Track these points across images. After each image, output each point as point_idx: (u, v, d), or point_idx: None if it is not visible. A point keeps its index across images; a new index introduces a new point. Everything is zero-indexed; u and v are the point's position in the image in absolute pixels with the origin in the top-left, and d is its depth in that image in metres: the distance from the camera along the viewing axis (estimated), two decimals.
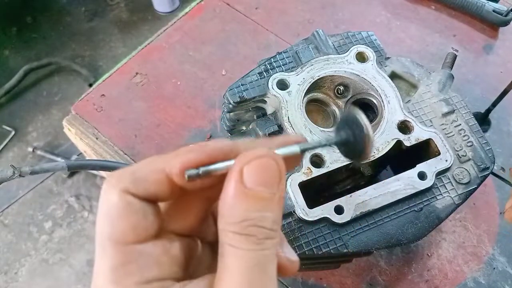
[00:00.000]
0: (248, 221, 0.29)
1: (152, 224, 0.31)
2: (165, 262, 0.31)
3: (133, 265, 0.29)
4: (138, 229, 0.30)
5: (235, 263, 0.29)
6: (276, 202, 0.30)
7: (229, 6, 1.03)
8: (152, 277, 0.30)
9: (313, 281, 0.73)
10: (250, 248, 0.29)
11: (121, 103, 0.91)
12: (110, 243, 0.30)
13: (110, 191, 0.30)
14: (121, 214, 0.30)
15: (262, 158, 0.30)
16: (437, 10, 1.04)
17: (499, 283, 0.74)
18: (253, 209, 0.29)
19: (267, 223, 0.29)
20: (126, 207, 0.30)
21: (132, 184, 0.31)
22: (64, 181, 2.11)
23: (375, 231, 0.58)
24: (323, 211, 0.57)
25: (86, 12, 2.61)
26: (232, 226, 0.29)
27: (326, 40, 0.69)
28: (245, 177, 0.29)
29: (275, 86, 0.64)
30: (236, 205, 0.29)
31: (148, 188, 0.31)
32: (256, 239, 0.29)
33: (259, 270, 0.28)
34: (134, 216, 0.30)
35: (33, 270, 1.92)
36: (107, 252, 0.30)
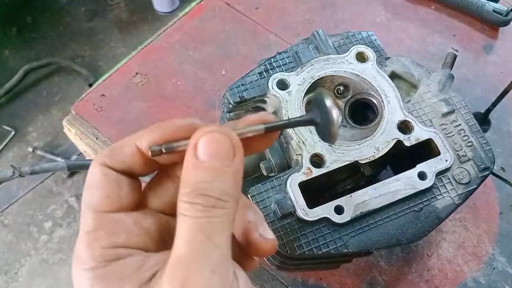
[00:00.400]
0: (196, 191, 0.30)
1: (126, 195, 0.34)
2: (135, 232, 0.33)
3: (102, 230, 0.32)
4: (111, 198, 0.33)
5: (183, 230, 0.30)
6: (229, 175, 0.31)
7: (229, 6, 1.03)
8: (119, 243, 0.32)
9: (313, 281, 0.73)
10: (196, 215, 0.30)
11: (121, 103, 0.91)
12: (87, 210, 0.33)
13: (92, 165, 0.34)
14: (98, 184, 0.33)
15: (213, 132, 0.32)
16: (437, 10, 1.04)
17: (499, 283, 0.74)
18: (202, 179, 0.31)
19: (215, 193, 0.30)
20: (103, 178, 0.33)
21: (109, 158, 0.34)
22: (64, 181, 2.11)
23: (375, 231, 0.58)
24: (323, 211, 0.57)
25: (86, 12, 2.61)
26: (184, 196, 0.31)
27: (326, 40, 0.69)
28: (198, 150, 0.31)
29: (275, 86, 0.64)
30: (188, 176, 0.31)
31: (124, 161, 0.34)
32: (202, 207, 0.30)
33: (202, 236, 0.29)
34: (108, 186, 0.33)
35: (33, 270, 1.92)
36: (85, 219, 0.33)
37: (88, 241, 0.32)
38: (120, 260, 0.31)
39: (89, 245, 0.32)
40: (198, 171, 0.31)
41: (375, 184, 0.59)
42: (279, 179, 0.59)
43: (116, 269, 0.31)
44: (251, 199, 0.58)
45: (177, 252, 0.30)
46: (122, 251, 0.32)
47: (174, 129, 0.34)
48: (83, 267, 0.31)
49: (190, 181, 0.31)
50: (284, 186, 0.58)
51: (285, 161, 0.62)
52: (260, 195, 0.58)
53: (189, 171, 0.31)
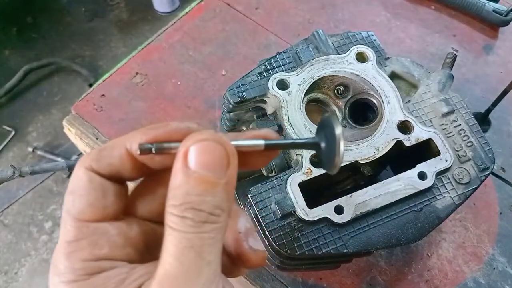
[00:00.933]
0: (186, 204, 0.28)
1: (111, 204, 0.31)
2: (119, 243, 0.31)
3: (84, 241, 0.30)
4: (95, 206, 0.31)
5: (171, 245, 0.28)
6: (221, 187, 0.29)
7: (229, 6, 1.03)
8: (101, 255, 0.30)
9: (313, 281, 0.73)
10: (186, 231, 0.28)
11: (121, 103, 0.91)
12: (68, 218, 0.31)
13: (77, 168, 0.31)
14: (81, 190, 0.31)
15: (207, 140, 0.29)
16: (437, 10, 1.04)
17: (499, 283, 0.74)
18: (193, 192, 0.28)
19: (207, 207, 0.28)
20: (87, 184, 0.31)
21: (96, 161, 0.31)
22: (64, 181, 2.11)
23: (375, 231, 0.58)
24: (323, 211, 0.57)
25: (86, 12, 2.61)
26: (173, 208, 0.28)
27: (326, 40, 0.69)
28: (189, 158, 0.29)
29: (275, 86, 0.64)
30: (177, 186, 0.29)
31: (112, 164, 0.31)
32: (192, 222, 0.28)
33: (193, 253, 0.28)
34: (93, 193, 0.31)
35: (33, 270, 1.92)
36: (65, 226, 0.30)
37: (68, 252, 0.30)
38: (102, 273, 0.29)
39: (69, 256, 0.29)
40: (188, 182, 0.29)
41: (375, 184, 0.59)
42: (279, 179, 0.59)
43: (98, 283, 0.29)
44: (251, 199, 0.58)
45: (165, 268, 0.28)
46: (104, 263, 0.30)
47: (168, 132, 0.31)
48: (62, 279, 0.29)
49: (180, 193, 0.29)
50: (284, 186, 0.58)
51: (285, 161, 0.62)
52: (260, 195, 0.58)
53: (178, 181, 0.29)
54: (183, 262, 0.28)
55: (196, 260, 0.28)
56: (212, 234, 0.29)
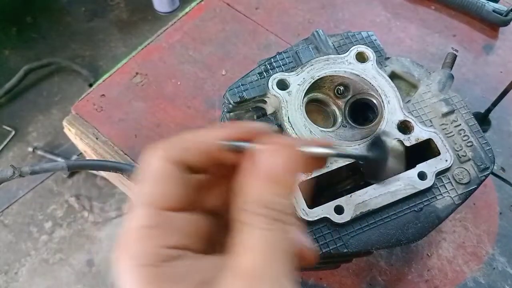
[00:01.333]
0: (271, 203, 0.30)
1: (185, 195, 0.32)
2: (188, 233, 0.32)
3: (157, 229, 0.30)
4: (169, 195, 0.31)
5: (251, 241, 0.29)
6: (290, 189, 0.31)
7: (229, 6, 1.03)
8: (172, 244, 0.30)
9: (313, 281, 0.73)
10: (269, 228, 0.29)
11: (121, 103, 0.91)
12: (142, 205, 0.31)
13: (154, 156, 0.32)
14: (159, 179, 0.32)
15: (281, 145, 0.31)
16: (437, 10, 1.04)
17: (499, 283, 0.74)
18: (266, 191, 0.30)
19: (283, 207, 0.30)
20: (163, 174, 0.32)
21: (171, 152, 0.32)
22: (64, 181, 2.11)
23: (375, 231, 0.58)
24: (323, 211, 0.57)
25: (86, 12, 2.61)
26: (258, 206, 0.30)
27: (326, 40, 0.69)
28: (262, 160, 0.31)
29: (275, 86, 0.64)
30: (251, 185, 0.30)
31: (189, 157, 0.33)
32: (280, 224, 0.30)
33: (274, 250, 0.29)
34: (168, 183, 0.32)
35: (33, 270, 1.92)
36: (137, 213, 0.31)
37: (142, 237, 0.30)
38: (173, 262, 0.30)
39: (142, 241, 0.30)
40: (262, 182, 0.30)
41: (375, 184, 0.59)
42: None
43: (170, 271, 0.29)
44: None
45: (245, 263, 0.29)
46: (173, 252, 0.30)
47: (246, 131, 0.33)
48: (135, 262, 0.29)
49: (259, 190, 0.30)
50: None
51: None
52: None
53: (252, 181, 0.31)
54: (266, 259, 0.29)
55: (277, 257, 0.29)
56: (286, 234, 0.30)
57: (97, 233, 2.00)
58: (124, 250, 0.30)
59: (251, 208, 0.30)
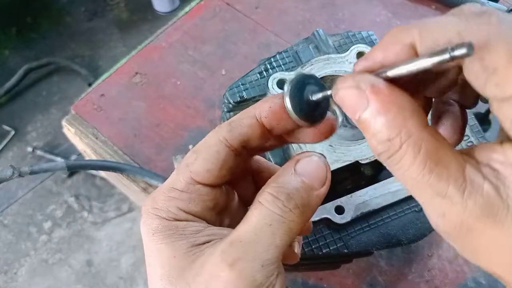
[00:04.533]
0: (284, 189, 0.33)
1: (223, 176, 0.36)
2: (209, 206, 0.36)
3: (186, 195, 0.35)
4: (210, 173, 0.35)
5: (254, 218, 0.32)
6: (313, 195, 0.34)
7: (229, 5, 1.03)
8: (192, 211, 0.35)
9: (313, 281, 0.73)
10: (273, 210, 0.32)
11: (121, 102, 0.91)
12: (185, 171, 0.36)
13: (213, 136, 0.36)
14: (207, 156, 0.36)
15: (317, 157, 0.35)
16: (437, 10, 1.04)
17: (499, 283, 0.74)
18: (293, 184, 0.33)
19: (298, 199, 0.33)
20: (214, 153, 0.36)
21: (229, 132, 0.36)
22: (64, 181, 2.11)
23: (376, 231, 0.58)
24: (323, 211, 0.57)
25: (86, 12, 2.61)
26: (270, 188, 0.33)
27: (326, 39, 0.69)
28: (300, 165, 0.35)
29: (275, 85, 0.64)
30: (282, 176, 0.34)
31: (242, 133, 0.36)
32: (282, 205, 0.32)
33: (270, 232, 0.32)
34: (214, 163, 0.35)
35: (32, 270, 1.92)
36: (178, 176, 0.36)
37: (171, 196, 0.35)
38: (185, 222, 0.35)
39: (169, 199, 0.35)
40: (292, 177, 0.34)
41: (375, 184, 0.59)
42: None
43: (180, 226, 0.34)
44: None
45: (239, 234, 0.32)
46: (191, 217, 0.35)
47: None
48: (155, 212, 0.35)
49: (281, 180, 0.34)
50: None
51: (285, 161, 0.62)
52: None
53: (285, 173, 0.34)
54: (258, 235, 0.32)
55: (269, 238, 0.32)
56: (290, 225, 0.32)
57: (96, 233, 1.99)
58: (152, 199, 0.35)
59: (273, 191, 0.33)
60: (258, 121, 0.36)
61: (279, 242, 0.32)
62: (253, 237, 0.32)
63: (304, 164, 0.35)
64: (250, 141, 0.37)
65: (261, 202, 0.33)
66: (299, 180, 0.34)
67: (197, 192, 0.36)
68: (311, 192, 0.34)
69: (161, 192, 0.36)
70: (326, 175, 0.35)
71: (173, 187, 0.36)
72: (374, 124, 0.28)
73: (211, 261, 0.31)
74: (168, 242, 0.33)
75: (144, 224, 0.35)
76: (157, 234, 0.34)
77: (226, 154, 0.36)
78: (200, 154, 0.36)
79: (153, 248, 0.34)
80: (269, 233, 0.32)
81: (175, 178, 0.36)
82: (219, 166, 0.36)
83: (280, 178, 0.34)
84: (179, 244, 0.33)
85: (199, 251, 0.33)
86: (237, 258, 0.31)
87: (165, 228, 0.34)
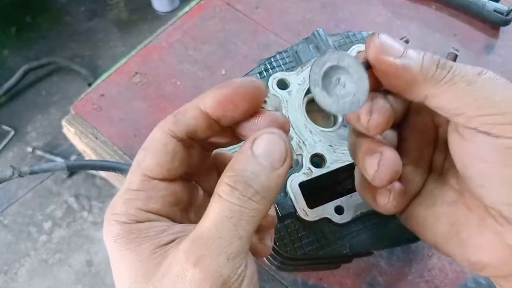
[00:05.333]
0: (241, 177, 0.32)
1: (176, 167, 0.36)
2: (169, 202, 0.35)
3: (143, 193, 0.34)
4: (162, 167, 0.35)
5: (213, 211, 0.32)
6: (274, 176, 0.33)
7: (229, 5, 1.03)
8: (153, 209, 0.34)
9: (313, 282, 0.73)
10: (231, 201, 0.31)
11: (121, 102, 0.91)
12: (137, 170, 0.35)
13: (157, 129, 0.36)
14: (155, 150, 0.35)
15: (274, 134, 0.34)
16: (438, 10, 1.04)
17: None
18: (250, 169, 0.32)
19: (256, 185, 0.32)
20: (162, 147, 0.35)
21: (174, 124, 0.35)
22: (64, 181, 2.11)
23: (376, 231, 0.58)
24: (323, 211, 0.57)
25: (86, 11, 2.61)
26: (227, 178, 0.32)
27: (327, 39, 0.69)
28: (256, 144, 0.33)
29: (275, 85, 0.64)
30: (239, 161, 0.33)
31: (188, 124, 0.35)
32: (240, 195, 0.31)
33: (231, 224, 0.31)
34: (164, 156, 0.35)
35: (32, 270, 1.92)
36: (131, 177, 0.35)
37: (127, 198, 0.34)
38: (148, 223, 0.33)
39: (126, 202, 0.34)
40: (249, 161, 0.32)
41: None
42: None
43: (142, 228, 0.33)
44: None
45: (202, 230, 0.31)
46: (152, 216, 0.34)
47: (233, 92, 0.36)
48: (115, 218, 0.34)
49: (238, 167, 0.32)
50: (284, 186, 0.58)
51: None
52: None
53: (241, 158, 0.33)
54: (219, 229, 0.31)
55: (231, 230, 0.31)
56: (252, 213, 0.31)
57: (96, 233, 1.99)
58: (111, 206, 0.34)
59: (230, 181, 0.32)
60: (203, 111, 0.36)
61: (243, 232, 0.31)
62: (215, 232, 0.31)
63: (260, 143, 0.33)
64: (197, 132, 0.36)
65: (220, 194, 0.32)
66: (256, 163, 0.32)
67: (153, 189, 0.35)
68: (271, 174, 0.32)
69: (118, 196, 0.35)
70: (285, 152, 0.34)
71: (129, 189, 0.35)
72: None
73: (176, 261, 0.31)
74: (131, 247, 0.32)
75: (105, 232, 0.34)
76: (118, 240, 0.32)
77: (175, 146, 0.35)
78: (149, 150, 0.35)
79: (117, 255, 0.33)
80: (230, 225, 0.31)
81: (129, 179, 0.35)
82: (169, 158, 0.35)
83: (236, 164, 0.33)
84: (143, 248, 0.32)
85: (164, 252, 0.32)
86: (201, 255, 0.30)
87: (127, 233, 0.33)
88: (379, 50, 0.34)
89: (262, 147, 0.33)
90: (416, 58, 0.34)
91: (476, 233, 0.35)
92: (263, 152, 0.33)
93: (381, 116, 0.35)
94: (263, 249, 0.40)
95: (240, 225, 0.31)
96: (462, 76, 0.33)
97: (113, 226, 0.33)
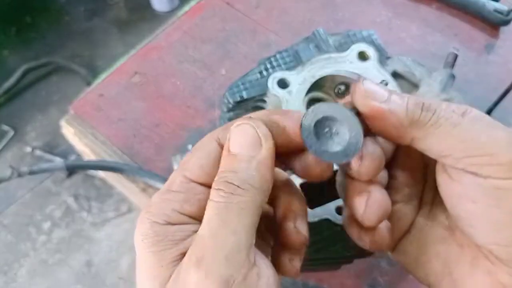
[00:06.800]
0: (221, 178, 0.33)
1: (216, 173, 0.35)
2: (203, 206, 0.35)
3: (181, 195, 0.34)
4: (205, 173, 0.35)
5: (206, 213, 0.32)
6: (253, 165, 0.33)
7: (229, 5, 1.03)
8: (187, 211, 0.34)
9: (314, 282, 0.72)
10: (216, 200, 0.32)
11: (120, 102, 0.90)
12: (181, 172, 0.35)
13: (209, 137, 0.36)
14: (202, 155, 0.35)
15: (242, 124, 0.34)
16: (438, 9, 1.04)
17: None
18: (228, 168, 0.33)
19: (236, 181, 0.32)
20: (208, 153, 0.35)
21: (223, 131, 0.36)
22: (63, 181, 2.11)
23: None
24: (323, 211, 0.57)
25: (85, 11, 2.61)
26: (213, 183, 0.33)
27: (327, 39, 0.69)
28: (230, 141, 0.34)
29: (275, 85, 0.63)
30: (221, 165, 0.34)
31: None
32: (223, 193, 0.32)
33: (218, 220, 0.31)
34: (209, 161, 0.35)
35: (32, 271, 1.91)
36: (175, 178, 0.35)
37: (165, 198, 0.34)
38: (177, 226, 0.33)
39: (163, 202, 0.34)
40: (225, 160, 0.33)
41: None
42: None
43: (170, 231, 0.33)
44: None
45: (200, 232, 0.32)
46: (184, 218, 0.34)
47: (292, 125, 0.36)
48: (148, 216, 0.34)
49: (220, 170, 0.33)
50: None
51: None
52: None
53: (221, 162, 0.34)
54: (211, 227, 0.31)
55: (220, 226, 0.31)
56: (240, 205, 0.31)
57: (95, 234, 1.99)
58: (148, 205, 0.35)
59: (215, 185, 0.33)
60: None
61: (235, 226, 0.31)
62: (208, 231, 0.31)
63: (232, 140, 0.34)
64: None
65: (210, 199, 0.33)
66: (234, 160, 0.33)
67: (191, 191, 0.35)
68: (249, 164, 0.33)
69: (157, 195, 0.35)
70: (257, 136, 0.34)
71: (169, 189, 0.35)
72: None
73: (183, 266, 0.31)
74: (155, 250, 0.32)
75: (137, 228, 0.34)
76: (146, 240, 0.33)
77: (219, 152, 0.35)
78: (195, 153, 0.36)
79: (141, 255, 0.33)
80: (219, 221, 0.31)
81: (171, 179, 0.36)
82: (212, 163, 0.35)
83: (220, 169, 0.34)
84: (168, 253, 0.32)
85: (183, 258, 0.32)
86: (201, 256, 0.30)
87: (155, 234, 0.33)
88: (365, 96, 0.33)
89: (233, 141, 0.34)
90: (401, 102, 0.33)
91: (469, 273, 0.34)
92: (236, 145, 0.34)
93: (372, 163, 0.34)
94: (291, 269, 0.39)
95: (229, 218, 0.31)
96: (447, 119, 0.33)
97: (144, 224, 0.34)
